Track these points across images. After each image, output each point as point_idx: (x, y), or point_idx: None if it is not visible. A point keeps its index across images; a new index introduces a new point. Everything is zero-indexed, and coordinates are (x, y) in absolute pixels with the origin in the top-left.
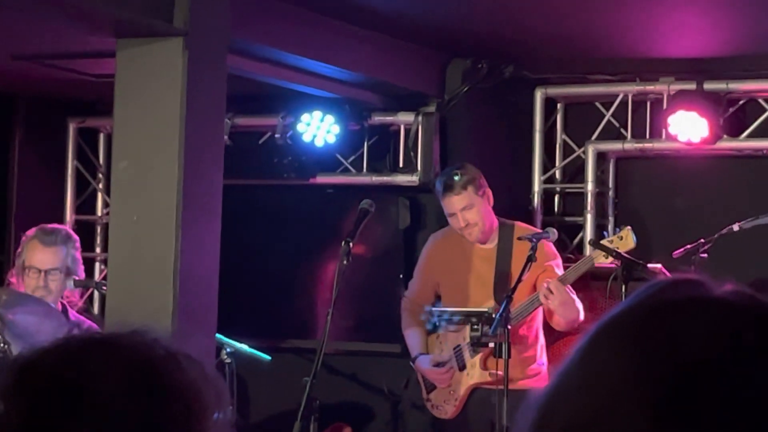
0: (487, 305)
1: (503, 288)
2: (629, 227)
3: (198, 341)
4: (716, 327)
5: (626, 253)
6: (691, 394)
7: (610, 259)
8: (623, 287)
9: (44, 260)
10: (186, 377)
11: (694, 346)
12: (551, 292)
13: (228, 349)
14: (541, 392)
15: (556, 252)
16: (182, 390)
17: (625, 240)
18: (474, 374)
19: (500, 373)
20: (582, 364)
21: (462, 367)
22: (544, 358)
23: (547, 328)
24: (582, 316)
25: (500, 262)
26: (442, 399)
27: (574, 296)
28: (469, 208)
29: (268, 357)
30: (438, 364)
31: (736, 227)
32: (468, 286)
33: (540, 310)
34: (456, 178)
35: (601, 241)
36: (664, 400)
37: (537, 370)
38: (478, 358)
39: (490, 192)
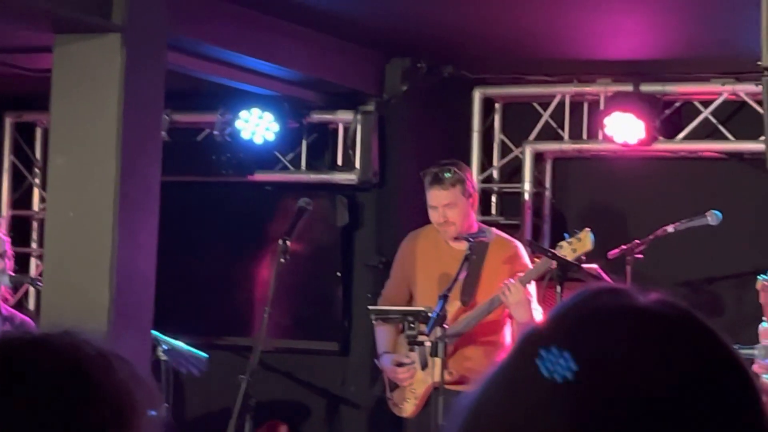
0: (453, 306)
1: (471, 290)
2: (588, 229)
3: (134, 338)
4: (635, 339)
5: (583, 254)
6: (608, 413)
7: (574, 255)
8: (558, 288)
9: None
10: (117, 378)
11: (612, 360)
12: (509, 290)
13: (164, 347)
14: (467, 400)
15: (530, 263)
16: (112, 392)
17: (584, 241)
18: (435, 374)
19: (461, 373)
20: (504, 375)
21: (424, 366)
22: None
23: None
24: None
25: (472, 265)
26: (403, 397)
27: (535, 304)
28: (452, 207)
29: (204, 354)
30: (400, 365)
31: (670, 229)
32: (438, 286)
33: (509, 321)
34: (447, 174)
35: (561, 242)
36: (579, 417)
37: None
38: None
39: (476, 197)
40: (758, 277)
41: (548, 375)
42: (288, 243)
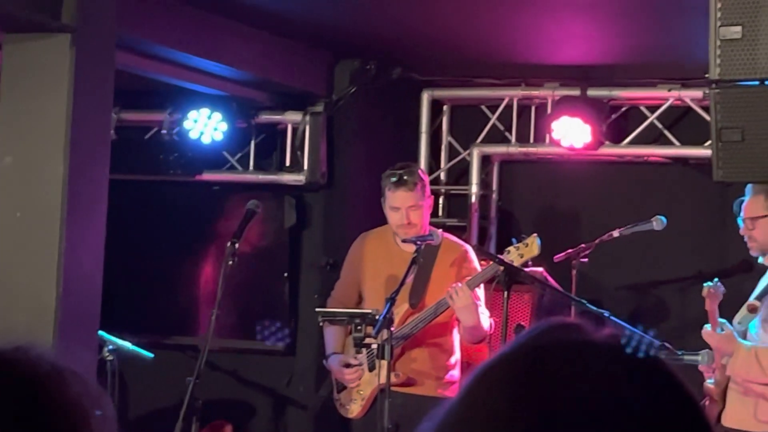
0: (401, 308)
1: (420, 292)
2: (536, 234)
3: (80, 339)
4: (592, 374)
5: (530, 259)
6: None
7: (521, 261)
8: (505, 293)
9: None
10: (70, 394)
11: (561, 393)
12: (456, 293)
13: (110, 347)
14: (431, 427)
15: (478, 267)
16: (67, 408)
17: (531, 247)
18: (382, 375)
19: (408, 375)
20: (460, 404)
21: (372, 368)
22: (458, 372)
23: None
24: (487, 329)
25: (421, 267)
26: (350, 398)
27: (483, 308)
28: (417, 209)
29: (150, 354)
30: (348, 365)
31: (616, 233)
32: (387, 288)
33: (457, 324)
34: (411, 176)
35: (509, 248)
36: None
37: (451, 380)
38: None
39: (432, 201)
40: (704, 284)
41: (631, 351)
42: (236, 246)
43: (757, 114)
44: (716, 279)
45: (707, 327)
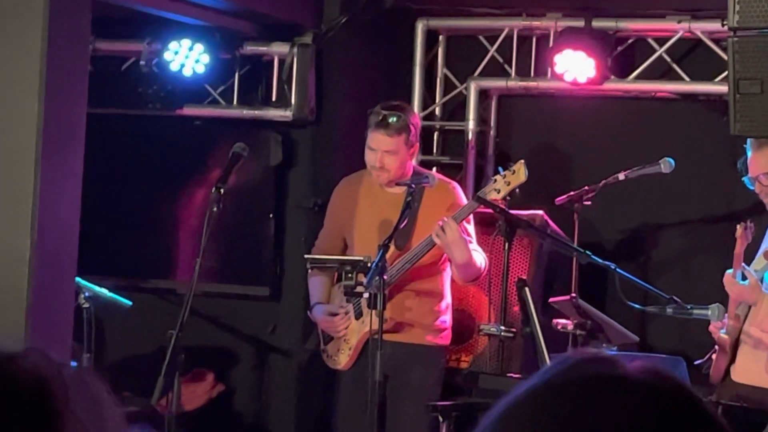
0: (389, 252)
1: (407, 233)
2: (522, 161)
3: (57, 287)
4: (621, 408)
5: (518, 186)
6: None
7: (502, 194)
8: (506, 245)
9: None
10: (83, 401)
11: (596, 429)
12: (443, 230)
13: (86, 294)
14: None
15: (465, 201)
16: (79, 417)
17: (518, 174)
18: (371, 323)
19: (396, 320)
20: None
21: (359, 316)
22: (449, 318)
23: None
24: (482, 266)
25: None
26: (337, 349)
27: (475, 244)
28: (392, 154)
29: (128, 302)
30: (333, 315)
31: (621, 176)
32: (373, 232)
33: (447, 267)
34: (395, 119)
35: (495, 176)
36: None
37: (441, 326)
38: None
39: (418, 147)
40: (738, 224)
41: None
42: (221, 191)
43: None
44: (749, 219)
45: (729, 272)
